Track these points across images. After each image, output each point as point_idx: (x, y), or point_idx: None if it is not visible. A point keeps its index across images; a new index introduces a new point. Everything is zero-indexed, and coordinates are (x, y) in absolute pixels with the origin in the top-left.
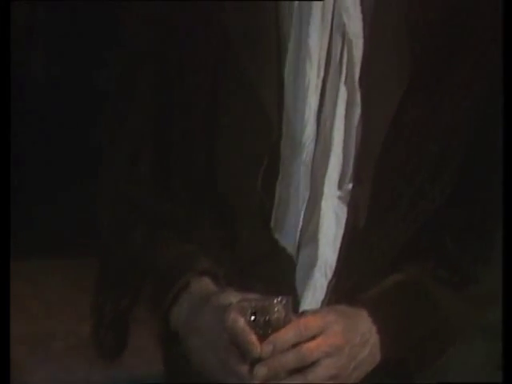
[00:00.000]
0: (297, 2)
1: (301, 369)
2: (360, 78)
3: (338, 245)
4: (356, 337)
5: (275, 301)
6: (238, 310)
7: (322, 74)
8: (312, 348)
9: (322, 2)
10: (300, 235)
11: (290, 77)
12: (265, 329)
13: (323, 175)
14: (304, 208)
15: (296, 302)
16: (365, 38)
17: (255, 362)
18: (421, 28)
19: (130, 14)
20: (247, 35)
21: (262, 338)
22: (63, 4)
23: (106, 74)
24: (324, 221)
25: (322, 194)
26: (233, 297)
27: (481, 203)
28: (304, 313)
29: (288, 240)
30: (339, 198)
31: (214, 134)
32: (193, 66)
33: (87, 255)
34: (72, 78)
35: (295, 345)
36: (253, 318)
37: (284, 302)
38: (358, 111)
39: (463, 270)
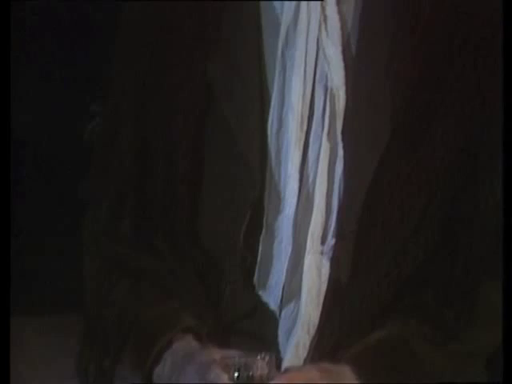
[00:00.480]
0: (280, 52)
1: None
2: (343, 132)
3: (320, 301)
4: None
5: (258, 357)
6: (221, 366)
7: (304, 126)
8: None
9: (304, 53)
10: (283, 291)
11: (273, 129)
12: None
13: (306, 230)
14: (287, 263)
15: (279, 359)
16: (347, 90)
17: None
18: (402, 80)
19: (116, 65)
20: (231, 87)
21: None
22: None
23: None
24: (307, 276)
25: (305, 249)
26: (216, 353)
27: (463, 259)
28: (287, 370)
29: (271, 296)
30: (322, 253)
31: (197, 187)
32: (176, 118)
33: (73, 312)
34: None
35: None
36: (236, 374)
37: (267, 358)
38: (340, 165)
39: (446, 326)
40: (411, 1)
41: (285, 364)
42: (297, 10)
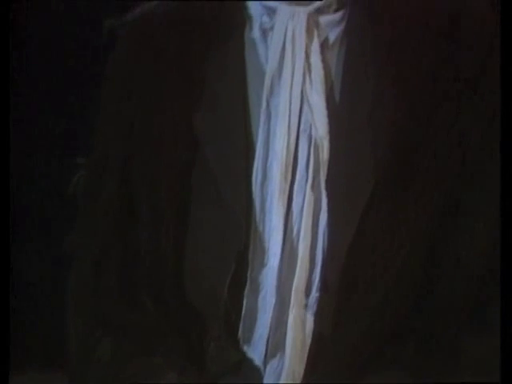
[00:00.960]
0: (265, 101)
1: None
2: (326, 184)
3: (305, 354)
4: None
5: None
6: None
7: (289, 178)
8: None
9: (289, 102)
10: (267, 345)
11: (257, 181)
12: None
13: (290, 283)
14: (271, 317)
15: None
16: (331, 140)
17: None
18: (385, 130)
19: (101, 116)
20: (216, 137)
21: None
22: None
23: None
24: (291, 330)
25: (289, 302)
26: None
27: (444, 312)
28: None
29: (256, 351)
30: (306, 306)
31: (182, 241)
32: (162, 170)
33: (58, 368)
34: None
35: None
36: None
37: None
38: (324, 217)
39: (429, 378)
40: (394, 49)
41: None
42: (281, 58)
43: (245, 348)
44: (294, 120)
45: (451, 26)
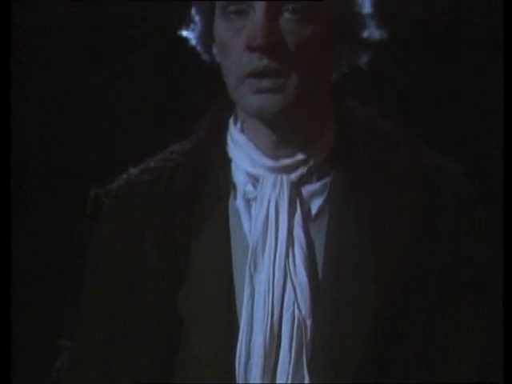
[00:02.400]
0: (248, 277)
1: None
2: (309, 364)
3: None
4: None
5: None
6: None
7: (272, 358)
8: None
9: (272, 279)
10: None
11: (241, 361)
12: None
13: None
14: None
15: None
16: (314, 319)
17: None
18: (367, 308)
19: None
20: (201, 317)
21: None
22: None
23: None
24: None
25: None
26: None
27: None
28: None
29: None
30: None
31: None
32: (146, 353)
33: None
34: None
35: None
36: None
37: None
38: None
39: None
40: (377, 219)
41: None
42: (264, 231)
43: None
44: (278, 298)
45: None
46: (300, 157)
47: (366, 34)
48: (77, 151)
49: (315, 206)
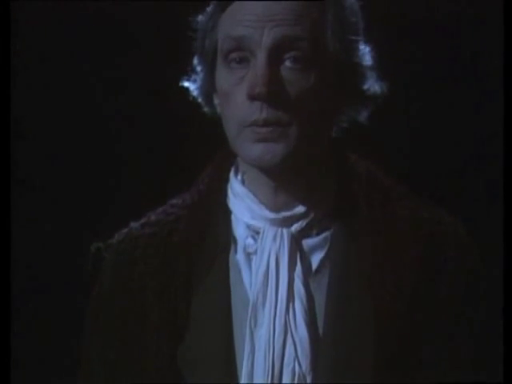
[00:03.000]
0: (248, 332)
1: None
2: None
3: None
4: None
5: None
6: None
7: None
8: None
9: (272, 334)
10: None
11: None
12: None
13: None
14: None
15: None
16: (314, 375)
17: None
18: (369, 367)
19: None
20: (200, 373)
21: None
22: None
23: None
24: None
25: None
26: None
27: None
28: None
29: None
30: None
31: None
32: None
33: None
34: None
35: None
36: None
37: None
38: None
39: None
40: (377, 274)
41: None
42: (265, 286)
43: None
44: (278, 353)
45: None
46: (300, 209)
47: (366, 86)
48: (77, 206)
49: (316, 260)
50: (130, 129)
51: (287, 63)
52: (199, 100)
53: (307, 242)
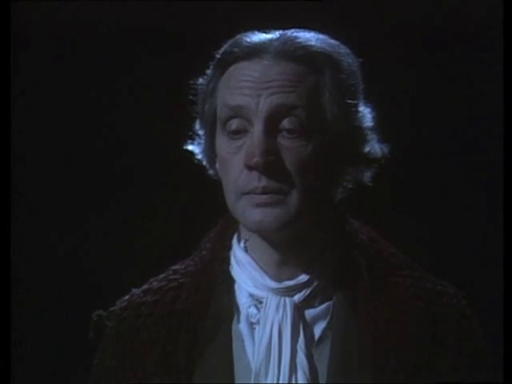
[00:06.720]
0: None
1: None
2: None
3: None
4: None
5: None
6: None
7: None
8: None
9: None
10: None
11: None
12: None
13: None
14: None
15: None
16: None
17: None
18: None
19: None
20: None
21: None
22: None
23: None
24: None
25: None
26: None
27: None
28: None
29: None
30: None
31: None
32: None
33: None
34: None
35: None
36: None
37: None
38: None
39: None
40: (379, 336)
41: None
42: (268, 357)
43: None
44: None
45: None
46: (303, 278)
47: (367, 149)
48: (79, 273)
49: (318, 330)
50: (132, 192)
51: (284, 131)
52: (204, 163)
53: (309, 312)
